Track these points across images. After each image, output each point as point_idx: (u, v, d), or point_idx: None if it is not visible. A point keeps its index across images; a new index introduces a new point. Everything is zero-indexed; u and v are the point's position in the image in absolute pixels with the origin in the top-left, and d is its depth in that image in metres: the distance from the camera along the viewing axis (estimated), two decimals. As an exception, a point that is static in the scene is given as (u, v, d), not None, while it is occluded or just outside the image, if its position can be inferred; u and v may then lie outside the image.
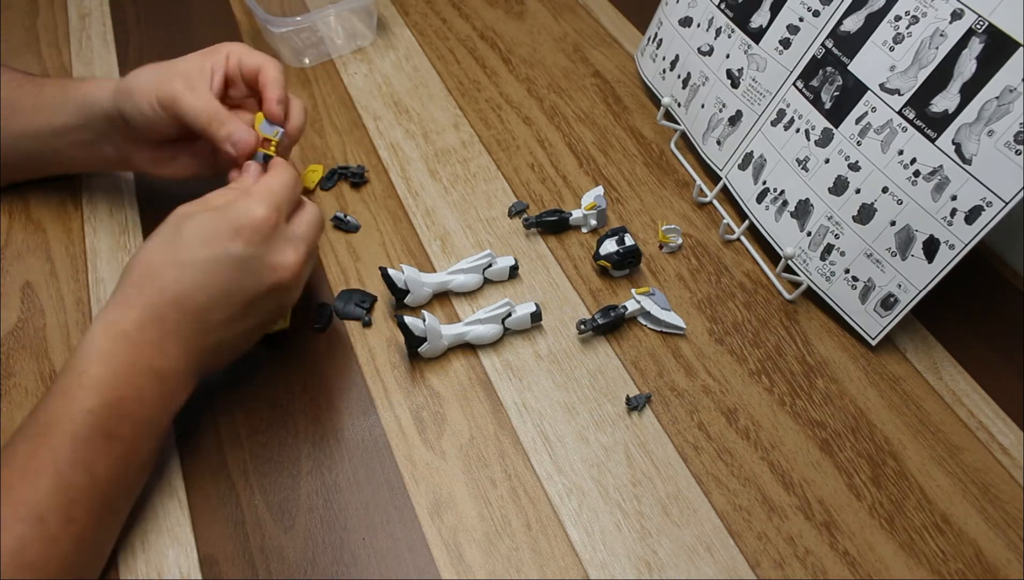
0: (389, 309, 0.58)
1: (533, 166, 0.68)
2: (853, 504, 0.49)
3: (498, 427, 0.52)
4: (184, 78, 0.51)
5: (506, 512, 0.48)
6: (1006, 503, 0.49)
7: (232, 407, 0.52)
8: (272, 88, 0.52)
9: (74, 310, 0.57)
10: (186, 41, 0.79)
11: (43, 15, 0.82)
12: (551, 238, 0.63)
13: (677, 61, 0.70)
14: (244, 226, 0.45)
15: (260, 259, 0.45)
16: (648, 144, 0.70)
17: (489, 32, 0.81)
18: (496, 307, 0.54)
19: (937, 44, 0.50)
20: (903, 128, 0.52)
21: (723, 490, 0.49)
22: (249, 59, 0.53)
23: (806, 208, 0.58)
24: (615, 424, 0.52)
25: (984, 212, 0.48)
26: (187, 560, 0.46)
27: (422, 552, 0.46)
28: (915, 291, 0.52)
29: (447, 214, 0.64)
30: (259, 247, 0.45)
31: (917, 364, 0.56)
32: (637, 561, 0.46)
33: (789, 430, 0.52)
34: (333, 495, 0.48)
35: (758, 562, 0.46)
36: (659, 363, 0.55)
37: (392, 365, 0.55)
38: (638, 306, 0.57)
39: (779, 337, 0.57)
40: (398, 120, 0.71)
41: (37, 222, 0.62)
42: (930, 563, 0.47)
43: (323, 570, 0.45)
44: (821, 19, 0.58)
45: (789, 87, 0.60)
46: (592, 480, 0.49)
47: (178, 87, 0.51)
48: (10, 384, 0.53)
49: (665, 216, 0.65)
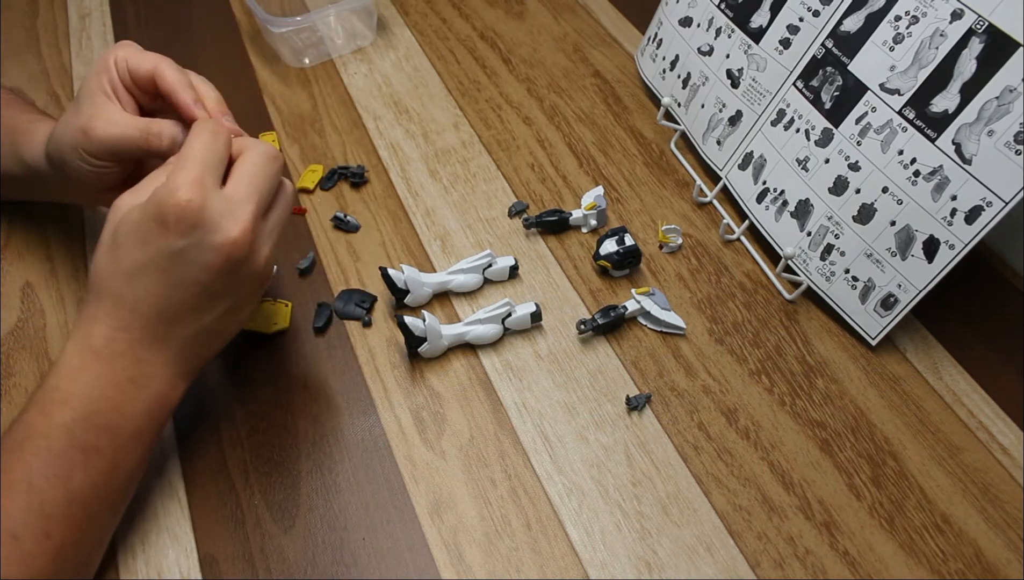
0: (389, 309, 0.58)
1: (533, 166, 0.68)
2: (853, 504, 0.49)
3: (498, 427, 0.52)
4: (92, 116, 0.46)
5: (506, 512, 0.48)
6: (1006, 503, 0.49)
7: (232, 407, 0.52)
8: (180, 91, 0.46)
9: (74, 310, 0.57)
10: (186, 41, 0.79)
11: (43, 15, 0.82)
12: (551, 238, 0.63)
13: (677, 61, 0.70)
14: (168, 216, 0.40)
15: (198, 245, 0.41)
16: (648, 144, 0.70)
17: (489, 32, 0.81)
18: (496, 307, 0.54)
19: (937, 44, 0.50)
20: (903, 128, 0.52)
21: (723, 490, 0.49)
22: (138, 62, 0.47)
23: (806, 208, 0.58)
24: (615, 424, 0.52)
25: (984, 212, 0.48)
26: (187, 560, 0.46)
27: (422, 552, 0.46)
28: (915, 291, 0.52)
29: (447, 214, 0.64)
30: (191, 234, 0.41)
31: (917, 364, 0.56)
32: (637, 561, 0.46)
33: (789, 430, 0.52)
34: (333, 495, 0.48)
35: (758, 562, 0.46)
36: (659, 363, 0.55)
37: (392, 365, 0.55)
38: (638, 306, 0.57)
39: (779, 337, 0.57)
40: (398, 120, 0.71)
41: (37, 222, 0.62)
42: (930, 563, 0.47)
43: (323, 570, 0.45)
44: (821, 19, 0.58)
45: (789, 87, 0.60)
46: (592, 480, 0.49)
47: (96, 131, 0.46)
48: (10, 384, 0.53)
49: (665, 216, 0.65)
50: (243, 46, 0.79)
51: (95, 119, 0.46)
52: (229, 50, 0.78)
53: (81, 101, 0.47)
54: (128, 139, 0.46)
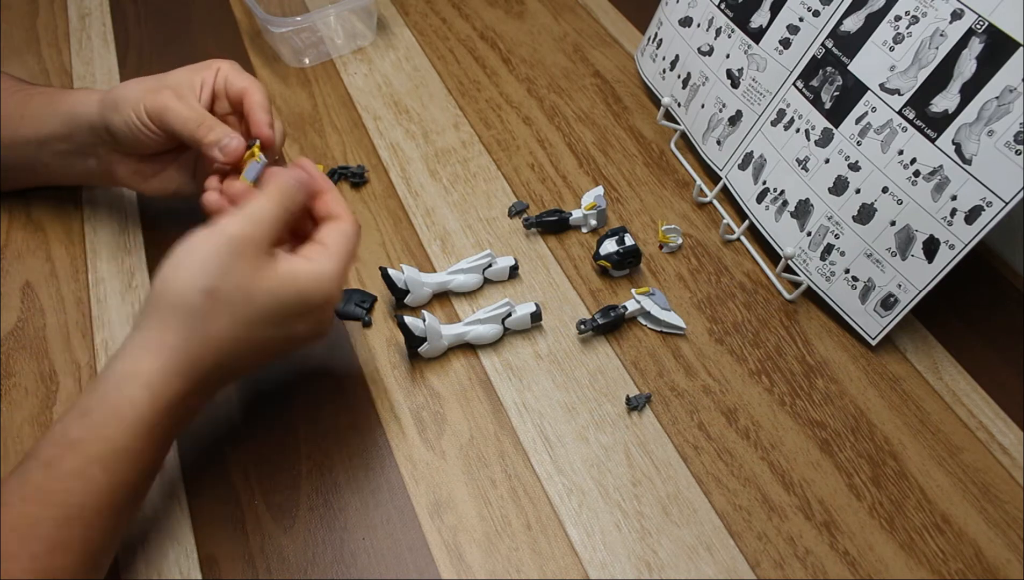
0: (389, 309, 0.58)
1: (533, 166, 0.68)
2: (853, 504, 0.49)
3: (498, 427, 0.52)
4: (173, 89, 0.51)
5: (506, 512, 0.48)
6: (1006, 503, 0.49)
7: (232, 408, 0.52)
8: (260, 112, 0.51)
9: (74, 310, 0.57)
10: (186, 41, 0.79)
11: (43, 15, 0.82)
12: (551, 238, 0.63)
13: (677, 61, 0.70)
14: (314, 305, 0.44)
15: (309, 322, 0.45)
16: (648, 144, 0.70)
17: (489, 32, 0.81)
18: (496, 307, 0.54)
19: (937, 44, 0.50)
20: (903, 128, 0.52)
21: (723, 490, 0.49)
22: (235, 80, 0.53)
23: (806, 208, 0.58)
24: (615, 424, 0.52)
25: (984, 212, 0.48)
26: (187, 560, 0.46)
27: (422, 552, 0.46)
28: (915, 291, 0.52)
29: (447, 214, 0.64)
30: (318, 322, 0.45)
31: (917, 364, 0.56)
32: (637, 561, 0.46)
33: (789, 430, 0.52)
34: (333, 495, 0.48)
35: (758, 562, 0.46)
36: (659, 363, 0.55)
37: (392, 365, 0.55)
38: (638, 306, 0.57)
39: (779, 337, 0.57)
40: (398, 120, 0.71)
41: (37, 222, 0.62)
42: (930, 563, 0.47)
43: (323, 570, 0.45)
44: (821, 19, 0.58)
45: (789, 87, 0.60)
46: (592, 480, 0.49)
47: (167, 98, 0.51)
48: (10, 384, 0.53)
49: (665, 216, 0.65)
50: (243, 46, 0.79)
51: (168, 89, 0.51)
52: (229, 50, 0.78)
53: (167, 78, 0.53)
54: (183, 118, 0.50)
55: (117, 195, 0.64)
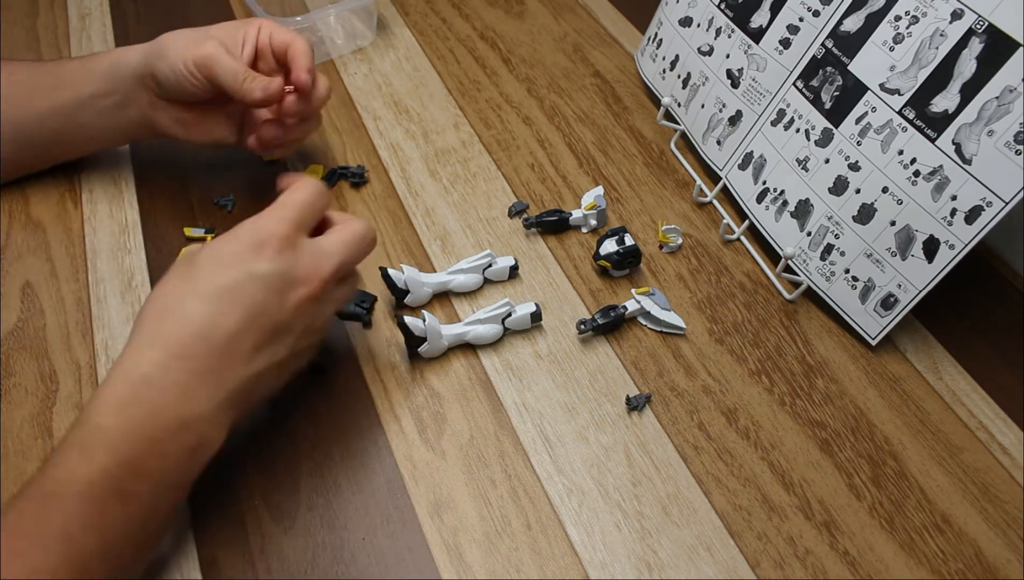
0: (389, 309, 0.58)
1: (533, 166, 0.68)
2: (853, 504, 0.49)
3: (498, 427, 0.52)
4: (219, 41, 0.54)
5: (506, 512, 0.48)
6: (1006, 503, 0.49)
7: (232, 407, 0.52)
8: (301, 59, 0.55)
9: (74, 310, 0.57)
10: (186, 41, 0.79)
11: (43, 15, 0.82)
12: (551, 238, 0.63)
13: (677, 61, 0.70)
14: (263, 241, 0.42)
15: (284, 275, 0.42)
16: (648, 144, 0.70)
17: (489, 32, 0.81)
18: (496, 307, 0.54)
19: (937, 44, 0.50)
20: (903, 128, 0.52)
21: (723, 490, 0.49)
22: (279, 35, 0.56)
23: (806, 208, 0.58)
24: (615, 424, 0.52)
25: (984, 212, 0.48)
26: (187, 560, 0.46)
27: (422, 552, 0.46)
28: (915, 291, 0.52)
29: (447, 214, 0.64)
30: (281, 260, 0.42)
31: (917, 364, 0.56)
32: (637, 561, 0.46)
33: (789, 430, 0.52)
34: (333, 495, 0.48)
35: (758, 562, 0.46)
36: (659, 363, 0.55)
37: (392, 365, 0.55)
38: (638, 306, 0.57)
39: (779, 337, 0.57)
40: (398, 120, 0.71)
41: (37, 222, 0.62)
42: (930, 563, 0.47)
43: (323, 570, 0.45)
44: (821, 19, 0.58)
45: (789, 87, 0.60)
46: (592, 480, 0.49)
47: (213, 47, 0.53)
48: (10, 384, 0.53)
49: (665, 216, 0.65)
50: (243, 46, 0.79)
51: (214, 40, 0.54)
52: (229, 50, 0.78)
53: (212, 30, 0.56)
54: (231, 70, 0.53)
55: (118, 195, 0.64)
